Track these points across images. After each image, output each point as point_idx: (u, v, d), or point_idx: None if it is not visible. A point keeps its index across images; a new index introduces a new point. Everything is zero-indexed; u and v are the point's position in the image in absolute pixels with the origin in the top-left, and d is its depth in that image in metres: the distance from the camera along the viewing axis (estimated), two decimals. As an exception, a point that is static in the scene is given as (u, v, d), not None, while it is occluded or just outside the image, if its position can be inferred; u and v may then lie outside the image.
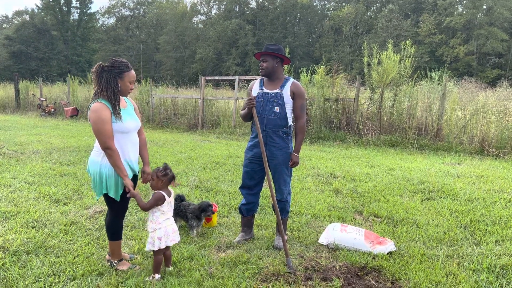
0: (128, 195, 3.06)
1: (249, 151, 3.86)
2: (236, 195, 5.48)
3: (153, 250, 3.09)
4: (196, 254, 3.56)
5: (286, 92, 3.70)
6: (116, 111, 2.95)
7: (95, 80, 2.98)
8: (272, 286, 3.02)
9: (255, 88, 3.85)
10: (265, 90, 3.76)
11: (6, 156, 7.88)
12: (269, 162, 3.74)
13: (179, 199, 4.31)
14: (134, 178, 3.24)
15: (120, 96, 3.07)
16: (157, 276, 3.09)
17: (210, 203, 4.13)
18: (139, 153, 3.32)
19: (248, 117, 3.81)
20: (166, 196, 3.09)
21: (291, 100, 3.71)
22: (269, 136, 3.72)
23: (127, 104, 3.21)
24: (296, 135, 3.79)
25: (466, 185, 6.19)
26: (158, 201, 3.06)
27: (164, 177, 3.10)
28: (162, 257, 3.15)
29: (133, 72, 3.04)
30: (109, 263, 3.30)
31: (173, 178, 3.16)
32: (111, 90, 2.94)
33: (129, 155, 3.11)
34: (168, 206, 3.14)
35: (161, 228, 3.08)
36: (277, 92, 3.70)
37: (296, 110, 3.73)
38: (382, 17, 48.86)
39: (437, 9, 46.43)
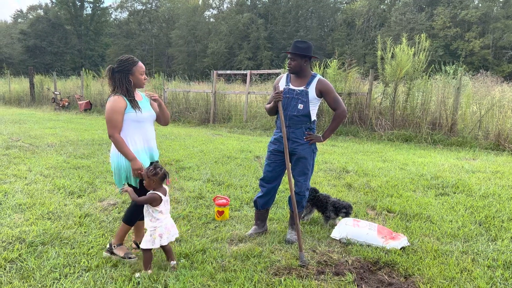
0: (132, 176, 3.21)
1: (272, 145, 3.91)
2: (248, 189, 5.49)
3: (143, 249, 3.05)
4: (209, 247, 3.58)
5: (312, 90, 3.73)
6: (134, 104, 3.24)
7: (109, 82, 3.29)
8: (284, 279, 3.02)
9: (282, 83, 3.87)
10: (291, 87, 3.78)
11: (22, 149, 8.02)
12: (291, 156, 3.79)
13: (314, 191, 4.36)
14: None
15: (136, 91, 3.37)
16: (149, 271, 3.05)
17: (351, 204, 4.26)
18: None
19: (273, 111, 3.88)
20: (162, 196, 3.05)
21: (317, 98, 3.77)
22: (292, 131, 3.76)
23: (143, 98, 3.44)
24: (331, 121, 3.88)
25: (481, 181, 6.10)
26: (153, 202, 3.02)
27: (154, 177, 3.02)
28: (152, 253, 3.12)
29: (140, 63, 3.29)
30: (108, 244, 3.41)
31: (165, 176, 3.09)
32: (124, 88, 3.23)
33: (148, 142, 3.34)
34: (165, 205, 3.11)
35: (161, 226, 3.07)
36: (302, 90, 3.73)
37: (331, 105, 3.85)
38: (396, 10, 48.12)
39: (452, 2, 45.51)
